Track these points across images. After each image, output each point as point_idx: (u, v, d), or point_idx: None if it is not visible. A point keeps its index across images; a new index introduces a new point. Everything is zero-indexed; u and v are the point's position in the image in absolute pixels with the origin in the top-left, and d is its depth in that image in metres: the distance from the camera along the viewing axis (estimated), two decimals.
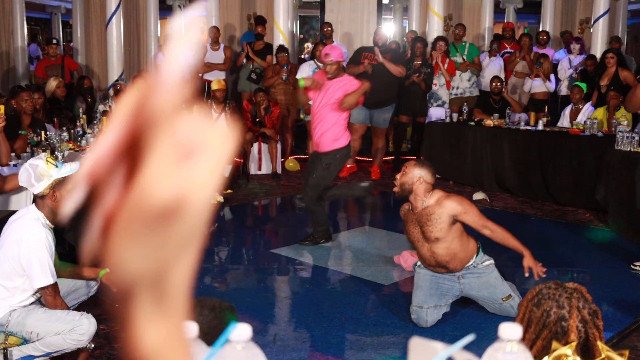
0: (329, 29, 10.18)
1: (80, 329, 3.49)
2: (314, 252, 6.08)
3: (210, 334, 1.25)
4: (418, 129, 9.59)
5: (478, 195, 8.07)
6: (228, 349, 0.88)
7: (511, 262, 5.90)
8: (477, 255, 4.42)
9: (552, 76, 9.89)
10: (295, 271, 5.76)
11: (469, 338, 0.81)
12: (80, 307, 3.95)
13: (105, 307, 3.81)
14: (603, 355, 1.46)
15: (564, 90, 10.27)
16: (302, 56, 15.58)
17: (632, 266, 5.46)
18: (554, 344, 1.52)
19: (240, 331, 0.88)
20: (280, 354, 4.06)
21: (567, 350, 1.46)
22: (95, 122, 7.99)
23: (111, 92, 9.05)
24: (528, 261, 4.38)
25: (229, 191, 8.20)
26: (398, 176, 4.40)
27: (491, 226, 4.35)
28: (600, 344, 1.58)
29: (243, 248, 6.58)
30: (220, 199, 7.54)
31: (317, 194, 5.90)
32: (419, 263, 4.57)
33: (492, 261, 4.48)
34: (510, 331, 0.98)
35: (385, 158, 9.54)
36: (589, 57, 10.05)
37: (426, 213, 4.27)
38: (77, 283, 4.02)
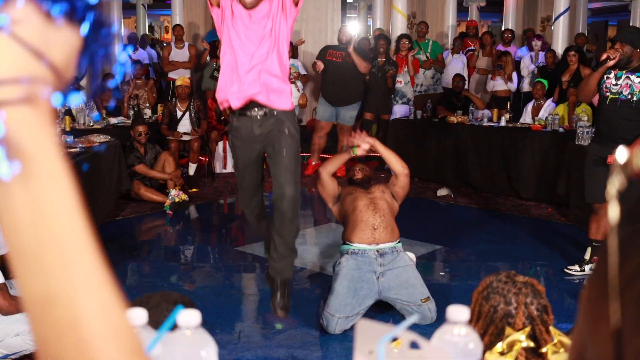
0: None
1: None
2: None
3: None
4: (382, 126, 9.65)
5: (442, 192, 8.14)
6: (177, 335, 0.88)
7: (475, 257, 5.98)
8: (399, 241, 4.60)
9: (514, 75, 10.00)
10: (261, 268, 5.73)
11: (414, 318, 0.82)
12: None
13: None
14: (555, 340, 1.48)
15: (526, 86, 10.39)
16: None
17: (566, 270, 5.50)
18: (507, 330, 1.54)
19: (190, 317, 0.88)
20: (245, 351, 4.06)
21: (521, 335, 1.49)
22: (57, 121, 7.89)
23: None
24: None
25: (194, 190, 8.17)
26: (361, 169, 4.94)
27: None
28: (552, 329, 1.60)
29: (209, 246, 6.56)
30: (186, 197, 7.51)
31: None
32: (338, 261, 4.54)
33: (414, 257, 4.61)
34: (458, 314, 1.00)
35: None
36: (548, 50, 10.19)
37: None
38: None
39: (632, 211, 0.45)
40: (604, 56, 5.01)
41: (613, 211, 0.45)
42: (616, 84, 5.01)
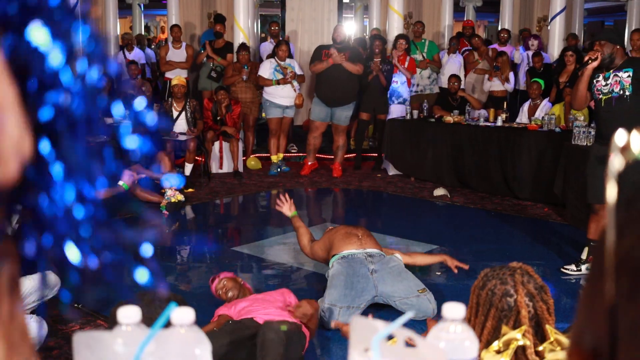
0: (276, 27, 10.58)
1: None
2: (275, 250, 6.08)
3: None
4: (379, 126, 9.65)
5: (439, 191, 8.14)
6: (171, 332, 0.87)
7: (472, 257, 5.97)
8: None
9: (511, 75, 9.98)
10: (257, 269, 5.74)
11: (409, 315, 0.81)
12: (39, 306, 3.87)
13: (63, 307, 3.75)
14: (552, 339, 1.47)
15: (522, 85, 10.40)
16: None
17: (563, 269, 5.50)
18: (504, 328, 1.53)
19: (184, 314, 0.87)
20: None
21: (517, 334, 1.48)
22: None
23: None
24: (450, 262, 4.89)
25: (190, 190, 8.15)
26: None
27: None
28: (549, 328, 1.60)
29: (205, 246, 6.54)
30: (182, 197, 7.50)
31: None
32: (331, 263, 4.60)
33: (401, 258, 4.74)
34: (454, 311, 0.99)
35: (346, 155, 9.58)
36: (536, 54, 10.16)
37: None
38: (28, 288, 3.83)
39: (629, 197, 0.46)
40: (586, 59, 5.03)
41: (611, 192, 0.46)
42: (606, 84, 5.03)
